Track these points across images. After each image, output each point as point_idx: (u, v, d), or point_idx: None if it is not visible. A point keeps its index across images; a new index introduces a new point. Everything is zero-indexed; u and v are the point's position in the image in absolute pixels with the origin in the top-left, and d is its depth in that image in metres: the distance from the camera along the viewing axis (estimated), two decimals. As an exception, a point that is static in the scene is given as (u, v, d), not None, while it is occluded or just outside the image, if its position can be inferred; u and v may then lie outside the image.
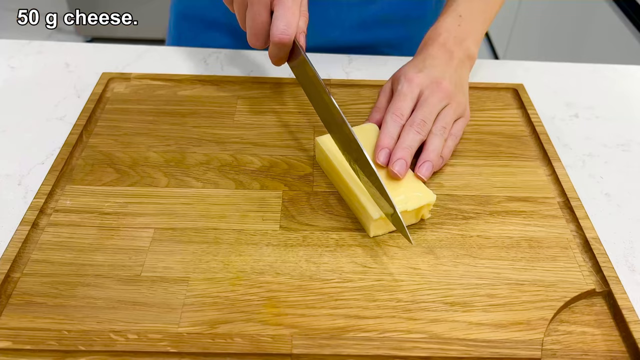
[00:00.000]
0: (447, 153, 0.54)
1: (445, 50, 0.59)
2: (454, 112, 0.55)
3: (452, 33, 0.60)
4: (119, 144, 0.55)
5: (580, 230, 0.49)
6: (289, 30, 0.48)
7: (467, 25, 0.61)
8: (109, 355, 0.39)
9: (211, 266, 0.44)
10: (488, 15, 0.64)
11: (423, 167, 0.51)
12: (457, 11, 0.62)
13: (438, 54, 0.58)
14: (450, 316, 0.42)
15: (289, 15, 0.48)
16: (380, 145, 0.51)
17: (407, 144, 0.51)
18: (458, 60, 0.59)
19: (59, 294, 0.42)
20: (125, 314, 0.41)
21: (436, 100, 0.54)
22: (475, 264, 0.45)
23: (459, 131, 0.56)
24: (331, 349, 0.39)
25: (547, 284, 0.44)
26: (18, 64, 0.70)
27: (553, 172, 0.54)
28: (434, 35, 0.60)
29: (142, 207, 0.49)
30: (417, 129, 0.52)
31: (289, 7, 0.48)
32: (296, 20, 0.49)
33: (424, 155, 0.52)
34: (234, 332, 0.40)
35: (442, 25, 0.61)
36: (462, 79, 0.59)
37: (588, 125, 0.64)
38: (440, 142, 0.53)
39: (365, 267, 0.45)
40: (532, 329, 0.41)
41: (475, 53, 0.62)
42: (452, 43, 0.59)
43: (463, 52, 0.60)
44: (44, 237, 0.46)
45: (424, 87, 0.55)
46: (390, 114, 0.53)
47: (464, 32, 0.61)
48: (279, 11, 0.48)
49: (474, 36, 0.62)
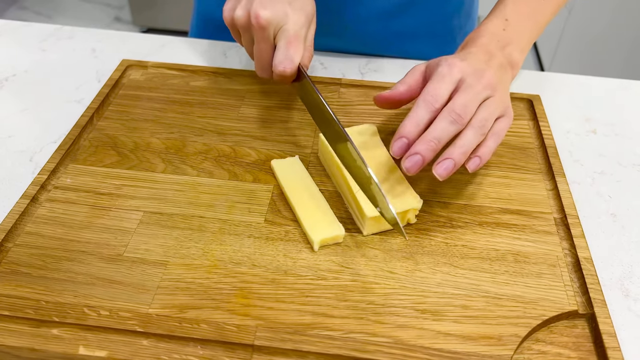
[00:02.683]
0: (487, 154, 0.47)
1: (485, 51, 0.53)
2: (496, 107, 0.48)
3: (495, 37, 0.55)
4: (125, 128, 0.57)
5: (573, 249, 0.47)
6: (289, 64, 0.51)
7: (512, 30, 0.56)
8: (79, 329, 0.40)
9: (191, 252, 0.45)
10: (538, 21, 0.59)
11: (441, 165, 0.44)
12: (504, 14, 0.57)
13: (478, 53, 0.52)
14: (419, 323, 0.41)
15: (290, 50, 0.52)
16: (401, 132, 0.46)
17: (435, 135, 0.45)
18: (499, 63, 0.52)
19: (44, 265, 0.44)
20: (102, 290, 0.43)
21: (480, 88, 0.47)
22: (455, 273, 0.44)
23: (502, 131, 0.48)
24: (293, 343, 0.40)
25: (526, 301, 0.43)
26: (49, 47, 0.73)
27: (555, 187, 0.52)
28: (476, 36, 0.55)
29: (135, 190, 0.51)
30: (454, 116, 0.45)
31: (290, 42, 0.52)
32: (298, 55, 0.52)
33: (449, 150, 0.45)
34: (201, 318, 0.41)
35: (486, 28, 0.56)
36: (503, 80, 0.52)
37: (605, 142, 0.61)
38: (476, 138, 0.46)
39: (342, 266, 0.45)
40: (502, 345, 0.40)
41: (519, 60, 0.56)
42: (494, 46, 0.54)
43: (505, 57, 0.54)
44: (40, 211, 0.48)
45: (465, 75, 0.48)
46: (423, 97, 0.47)
47: (508, 36, 0.55)
48: (281, 45, 0.52)
49: (519, 42, 0.56)
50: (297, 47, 0.52)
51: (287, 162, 0.53)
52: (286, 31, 0.52)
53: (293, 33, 0.52)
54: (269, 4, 0.52)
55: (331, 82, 0.64)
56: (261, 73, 0.56)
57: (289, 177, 0.51)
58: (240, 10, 0.53)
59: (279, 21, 0.52)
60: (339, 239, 0.46)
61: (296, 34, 0.52)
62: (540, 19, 0.59)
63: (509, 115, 0.50)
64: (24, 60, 0.71)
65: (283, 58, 0.51)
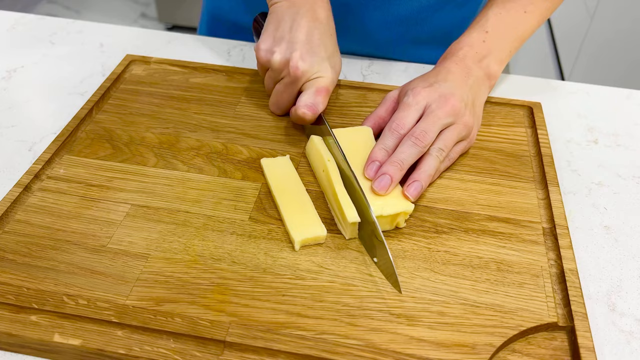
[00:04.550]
0: (435, 175, 0.52)
1: (462, 66, 0.56)
2: (457, 134, 0.52)
3: (474, 48, 0.58)
4: (122, 122, 0.58)
5: (559, 260, 0.46)
6: (313, 110, 0.54)
7: (492, 41, 0.59)
8: (57, 317, 0.41)
9: (173, 246, 0.46)
10: (519, 33, 0.61)
11: (412, 186, 0.48)
12: (485, 27, 0.59)
13: (454, 69, 0.56)
14: (393, 327, 0.41)
15: (318, 98, 0.54)
16: (371, 157, 0.50)
17: (400, 158, 0.49)
18: (475, 78, 0.56)
19: (29, 253, 0.45)
20: (83, 280, 0.43)
21: (442, 114, 0.51)
22: (435, 279, 0.44)
23: (456, 154, 0.53)
24: (264, 341, 0.40)
25: (505, 310, 0.42)
26: (58, 40, 0.75)
27: (547, 197, 0.51)
28: (455, 49, 0.58)
29: (126, 183, 0.51)
30: (414, 140, 0.49)
31: (320, 92, 0.54)
32: (323, 104, 0.54)
33: (416, 174, 0.49)
34: (176, 311, 0.41)
35: (466, 40, 0.59)
36: (475, 98, 0.56)
37: (606, 152, 0.60)
38: (435, 164, 0.50)
39: (322, 267, 0.45)
40: (476, 354, 0.39)
41: (496, 72, 0.59)
42: (471, 59, 0.57)
43: (482, 70, 0.57)
44: (31, 200, 0.49)
45: (430, 101, 0.52)
46: (390, 125, 0.51)
47: (487, 48, 0.58)
48: (310, 91, 0.54)
49: (498, 54, 0.59)
50: (324, 99, 0.54)
51: (276, 161, 0.53)
52: (318, 82, 0.55)
53: (324, 86, 0.55)
54: (307, 57, 0.54)
55: (330, 83, 0.64)
56: (275, 110, 0.59)
57: (277, 176, 0.51)
58: (279, 56, 0.54)
59: (313, 73, 0.54)
60: (321, 239, 0.46)
61: (327, 87, 0.55)
62: (522, 31, 0.61)
63: (470, 139, 0.55)
64: (34, 52, 0.72)
65: (310, 102, 0.54)
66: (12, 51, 0.72)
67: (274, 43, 0.55)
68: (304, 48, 0.54)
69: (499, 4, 0.61)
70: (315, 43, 0.54)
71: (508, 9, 0.61)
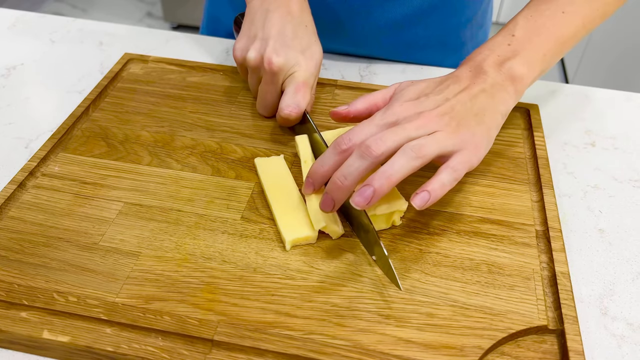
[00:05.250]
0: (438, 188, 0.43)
1: (477, 71, 0.50)
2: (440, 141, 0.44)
3: (495, 52, 0.51)
4: (118, 120, 0.58)
5: (552, 263, 0.46)
6: (295, 109, 0.53)
7: (519, 44, 0.52)
8: (46, 313, 0.41)
9: (164, 245, 0.46)
10: (557, 34, 0.53)
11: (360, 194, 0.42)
12: (512, 31, 0.53)
13: (463, 76, 0.50)
14: (381, 329, 0.41)
15: (298, 96, 0.53)
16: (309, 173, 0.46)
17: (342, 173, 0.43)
18: (490, 85, 0.49)
19: (21, 250, 0.45)
20: (73, 277, 0.43)
21: (411, 127, 0.44)
22: (425, 280, 0.44)
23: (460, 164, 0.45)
24: (252, 341, 0.40)
25: (494, 313, 0.42)
26: (58, 38, 0.75)
27: (541, 199, 0.51)
28: (475, 53, 0.52)
29: (119, 181, 0.51)
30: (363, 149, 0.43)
31: (299, 89, 0.54)
32: (305, 101, 0.53)
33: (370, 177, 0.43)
34: (165, 310, 0.41)
35: (488, 44, 0.53)
36: (482, 108, 0.48)
37: (603, 155, 0.59)
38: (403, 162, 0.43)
39: (312, 267, 0.45)
40: (464, 356, 0.39)
41: (522, 74, 0.51)
42: (490, 62, 0.50)
43: (503, 73, 0.50)
44: (25, 197, 0.50)
45: (400, 118, 0.46)
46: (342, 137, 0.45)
47: (512, 51, 0.51)
48: (289, 90, 0.54)
49: (526, 56, 0.51)
50: (305, 94, 0.54)
51: (270, 160, 0.53)
52: (296, 78, 0.54)
53: (302, 80, 0.54)
54: (282, 51, 0.53)
55: (327, 84, 0.64)
56: (262, 112, 0.59)
57: (270, 175, 0.51)
58: (253, 53, 0.54)
59: (290, 68, 0.54)
60: (312, 239, 0.46)
61: (305, 81, 0.54)
62: (560, 32, 0.54)
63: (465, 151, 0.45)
64: (33, 50, 0.73)
65: (291, 102, 0.53)
66: (12, 48, 0.73)
67: (248, 41, 0.55)
68: (278, 43, 0.53)
69: (532, 6, 0.55)
70: (288, 37, 0.54)
71: (542, 10, 0.54)
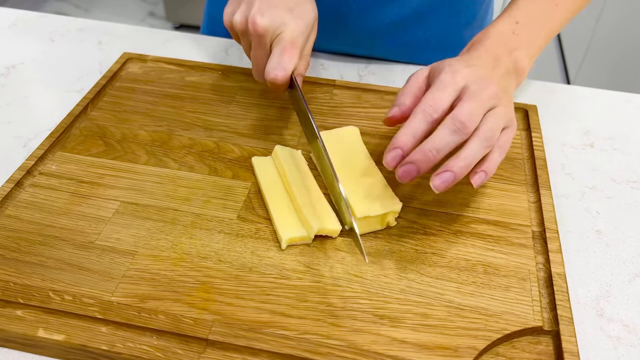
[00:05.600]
0: (492, 167, 0.44)
1: (492, 54, 0.50)
2: (501, 117, 0.45)
3: (502, 39, 0.52)
4: (116, 119, 0.58)
5: (548, 264, 0.45)
6: (281, 72, 0.50)
7: (522, 34, 0.53)
8: (42, 312, 0.41)
9: (160, 244, 0.46)
10: (549, 27, 0.56)
11: (440, 177, 0.42)
12: (514, 16, 0.54)
13: (484, 56, 0.49)
14: (376, 329, 0.41)
15: (284, 58, 0.50)
16: (395, 143, 0.43)
17: (434, 146, 0.42)
18: (505, 69, 0.49)
19: (18, 248, 0.45)
20: (69, 276, 0.43)
21: (485, 97, 0.44)
22: (421, 280, 0.44)
23: (507, 143, 0.46)
24: (246, 340, 0.40)
25: (490, 313, 0.42)
26: (58, 37, 0.75)
27: (538, 200, 0.51)
28: (483, 37, 0.52)
29: (116, 180, 0.51)
30: (458, 124, 0.42)
31: (285, 50, 0.50)
32: (292, 63, 0.50)
33: (451, 162, 0.42)
34: (160, 309, 0.41)
35: (494, 30, 0.53)
36: (507, 89, 0.49)
37: (601, 156, 0.59)
38: (481, 150, 0.43)
39: (308, 267, 0.45)
40: (458, 357, 0.39)
41: (526, 67, 0.52)
42: (501, 50, 0.51)
43: (512, 62, 0.51)
44: (22, 195, 0.50)
45: (470, 82, 0.45)
46: (422, 106, 0.44)
47: (517, 40, 0.52)
48: (275, 52, 0.51)
49: (528, 48, 0.53)
50: (292, 55, 0.50)
51: (267, 159, 0.53)
52: (282, 39, 0.51)
53: (289, 41, 0.51)
54: (267, 11, 0.51)
55: (325, 83, 0.64)
56: (258, 78, 0.56)
57: (267, 174, 0.51)
58: (238, 16, 0.52)
59: (276, 28, 0.51)
60: (308, 239, 0.46)
61: (292, 42, 0.51)
62: (552, 24, 0.56)
63: (513, 126, 0.47)
64: (33, 49, 0.73)
65: (276, 65, 0.50)
66: (12, 48, 0.73)
67: (235, 5, 0.53)
68: (264, 4, 0.51)
69: None
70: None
71: (538, 1, 0.56)
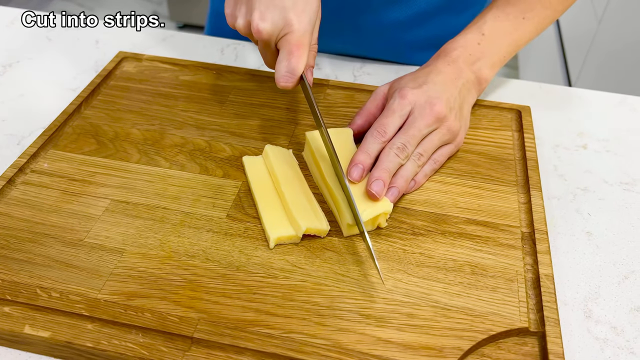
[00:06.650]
0: (422, 178, 0.52)
1: (454, 67, 0.56)
2: (439, 139, 0.52)
3: (467, 50, 0.57)
4: (109, 118, 0.59)
5: (536, 265, 0.45)
6: (291, 78, 0.49)
7: (487, 45, 0.58)
8: (29, 308, 0.42)
9: (148, 242, 0.46)
10: (516, 39, 0.60)
11: (389, 192, 0.49)
12: (481, 29, 0.59)
13: (445, 70, 0.56)
14: (361, 328, 0.41)
15: (292, 61, 0.49)
16: (355, 160, 0.50)
17: (386, 166, 0.49)
18: (465, 81, 0.56)
19: (7, 245, 0.46)
20: (57, 273, 0.44)
21: (423, 125, 0.51)
22: (407, 280, 0.44)
23: (442, 157, 0.54)
24: (231, 339, 0.40)
25: (475, 314, 0.42)
26: (55, 36, 0.76)
27: (528, 201, 0.51)
28: (449, 49, 0.58)
29: (107, 178, 0.52)
30: (396, 151, 0.50)
31: (292, 52, 0.49)
32: (301, 64, 0.49)
33: (393, 179, 0.50)
34: (146, 307, 0.41)
35: (460, 41, 0.58)
36: (463, 102, 0.56)
37: (594, 158, 0.59)
38: (413, 169, 0.51)
39: (295, 266, 0.45)
40: (443, 357, 0.39)
41: (488, 76, 0.58)
42: (464, 61, 0.57)
43: (474, 73, 0.57)
44: (13, 193, 0.50)
45: (415, 106, 0.52)
46: (373, 129, 0.51)
47: (481, 51, 0.58)
48: (283, 56, 0.49)
49: (492, 58, 0.58)
50: (300, 56, 0.49)
51: (258, 159, 0.53)
52: (288, 42, 0.49)
53: (295, 43, 0.49)
54: (268, 14, 0.49)
55: (319, 83, 0.64)
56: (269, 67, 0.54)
57: (257, 173, 0.51)
58: (240, 20, 0.51)
59: (280, 30, 0.50)
60: (296, 239, 0.46)
61: (298, 43, 0.49)
62: (518, 37, 0.61)
63: (457, 142, 0.55)
64: (30, 48, 0.73)
65: (285, 71, 0.49)
66: (9, 46, 0.73)
67: (235, 6, 0.52)
68: (263, 5, 0.49)
69: (500, 6, 0.61)
70: None
71: (507, 13, 0.60)
